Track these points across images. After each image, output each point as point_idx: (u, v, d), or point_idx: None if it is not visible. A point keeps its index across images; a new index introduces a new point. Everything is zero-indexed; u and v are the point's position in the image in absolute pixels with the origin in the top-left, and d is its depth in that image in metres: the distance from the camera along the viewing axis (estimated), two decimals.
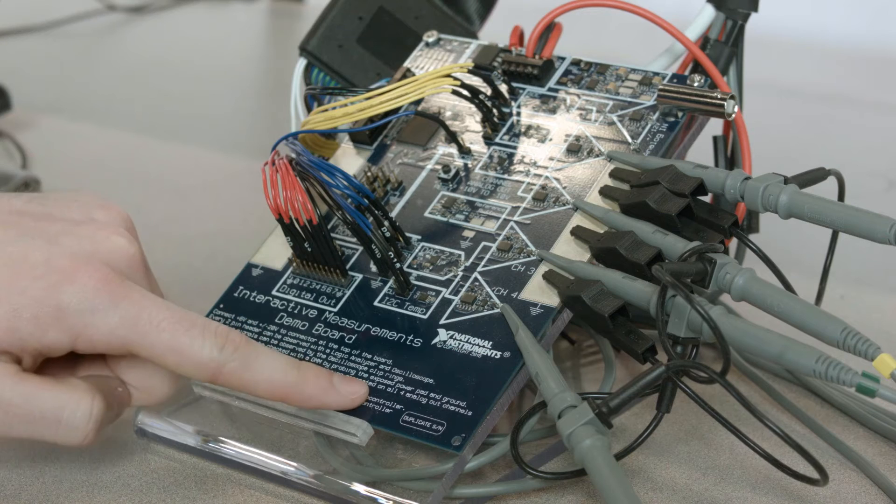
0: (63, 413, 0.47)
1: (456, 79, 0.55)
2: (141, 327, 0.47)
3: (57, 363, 0.49)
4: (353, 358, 0.51)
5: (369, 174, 0.58)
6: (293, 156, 0.53)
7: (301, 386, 0.49)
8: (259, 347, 0.48)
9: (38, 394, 0.47)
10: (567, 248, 0.52)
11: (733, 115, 0.54)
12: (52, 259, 0.47)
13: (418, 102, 0.60)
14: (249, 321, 0.54)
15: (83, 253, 0.48)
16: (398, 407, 0.49)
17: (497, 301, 0.51)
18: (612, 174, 0.54)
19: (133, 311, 0.47)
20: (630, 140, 0.55)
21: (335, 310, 0.54)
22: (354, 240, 0.55)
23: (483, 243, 0.54)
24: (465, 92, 0.56)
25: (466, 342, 0.50)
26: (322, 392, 0.49)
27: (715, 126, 0.59)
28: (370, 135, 0.59)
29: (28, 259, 0.47)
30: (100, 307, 0.46)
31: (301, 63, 0.63)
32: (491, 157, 0.57)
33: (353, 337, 0.52)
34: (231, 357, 0.47)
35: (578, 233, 0.52)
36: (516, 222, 0.54)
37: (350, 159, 0.59)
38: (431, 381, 0.50)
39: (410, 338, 0.51)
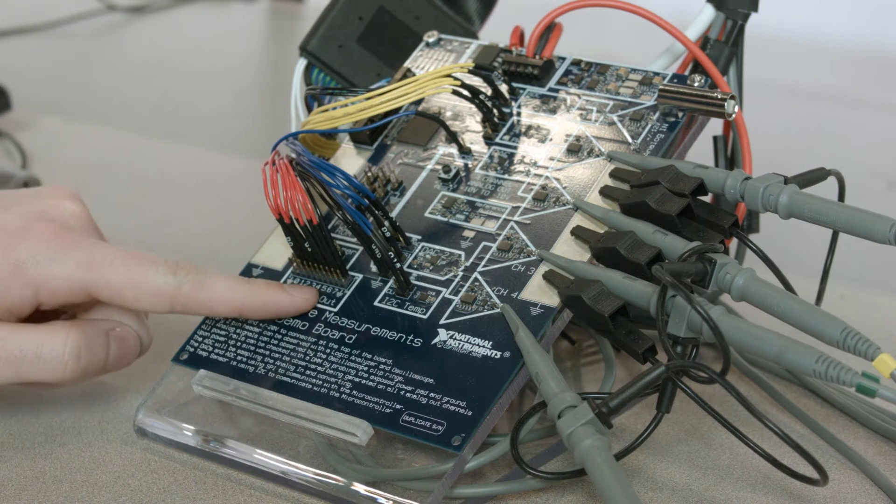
0: (41, 347, 0.49)
1: (456, 79, 0.55)
2: (96, 267, 0.50)
3: None
4: (353, 358, 0.51)
5: (369, 174, 0.58)
6: (293, 156, 0.53)
7: (255, 294, 0.52)
8: (209, 269, 0.52)
9: (16, 333, 0.50)
10: (567, 248, 0.52)
11: (733, 115, 0.54)
12: (4, 223, 0.50)
13: (419, 102, 0.60)
14: (249, 321, 0.54)
15: (33, 214, 0.51)
16: (398, 407, 0.49)
17: (497, 301, 0.51)
18: (613, 174, 0.54)
19: (86, 254, 0.50)
20: (630, 140, 0.55)
21: (335, 310, 0.54)
22: (354, 240, 0.55)
23: (483, 243, 0.54)
24: (465, 92, 0.56)
25: (466, 342, 0.50)
26: (274, 296, 0.52)
27: (715, 126, 0.59)
28: (370, 135, 0.59)
29: None
30: (55, 257, 0.50)
31: (301, 63, 0.63)
32: (491, 157, 0.57)
33: (354, 337, 0.52)
34: (185, 279, 0.51)
35: (578, 233, 0.52)
36: (516, 222, 0.54)
37: (350, 159, 0.59)
38: (431, 381, 0.50)
39: (410, 338, 0.51)
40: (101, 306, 0.52)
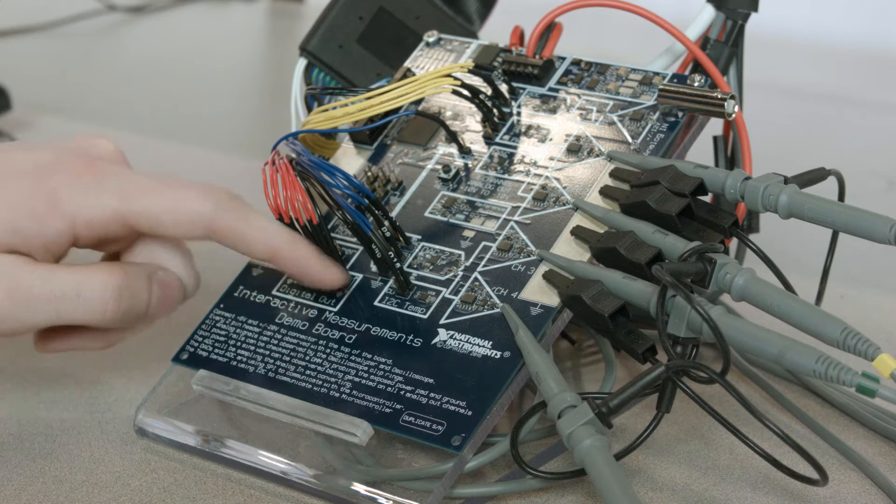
0: (82, 287, 0.48)
1: (456, 79, 0.55)
2: (132, 195, 0.49)
3: None
4: (353, 358, 0.51)
5: (369, 174, 0.58)
6: (293, 156, 0.53)
7: (293, 244, 0.51)
8: (250, 206, 0.50)
9: (56, 273, 0.48)
10: (567, 248, 0.52)
11: (733, 115, 0.54)
12: (37, 159, 0.49)
13: (419, 102, 0.60)
14: (250, 321, 0.54)
15: (66, 149, 0.50)
16: (398, 407, 0.49)
17: (497, 301, 0.51)
18: (613, 174, 0.54)
19: (120, 182, 0.49)
20: (630, 140, 0.55)
21: (335, 310, 0.54)
22: (354, 240, 0.55)
23: (483, 243, 0.54)
24: (465, 92, 0.56)
25: (466, 342, 0.50)
26: (310, 256, 0.51)
27: (715, 126, 0.59)
28: (370, 135, 0.59)
29: (14, 162, 0.49)
30: (90, 185, 0.48)
31: (301, 63, 0.63)
32: (491, 156, 0.57)
33: (354, 337, 0.52)
34: (227, 206, 0.49)
35: (578, 233, 0.52)
36: (516, 222, 0.54)
37: (350, 159, 0.59)
38: (431, 381, 0.50)
39: (410, 338, 0.51)
40: (144, 249, 0.51)
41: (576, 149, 0.56)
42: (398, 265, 0.53)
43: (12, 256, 0.48)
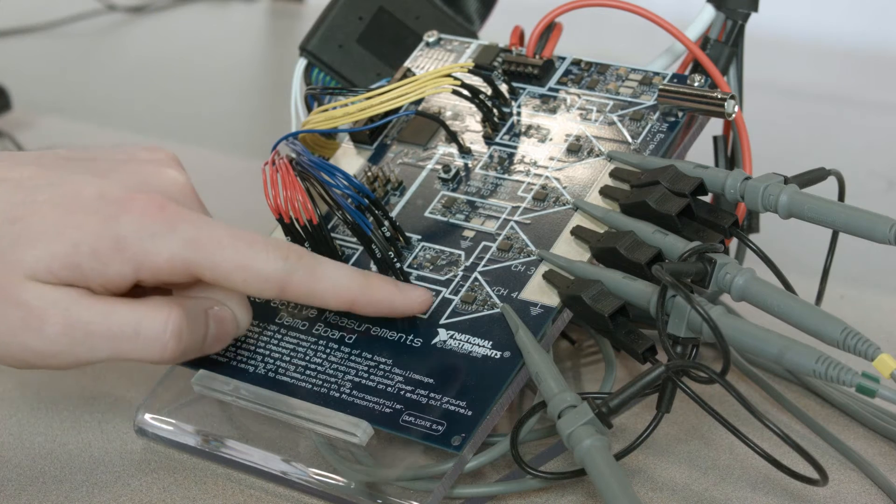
0: (141, 325, 0.46)
1: (456, 79, 0.55)
2: (203, 247, 0.46)
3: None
4: (353, 358, 0.51)
5: (369, 174, 0.58)
6: (293, 156, 0.53)
7: (368, 289, 0.49)
8: (320, 257, 0.49)
9: (115, 309, 0.46)
10: (567, 248, 0.52)
11: (733, 115, 0.54)
12: (104, 192, 0.46)
13: (419, 102, 0.60)
14: (253, 322, 0.54)
15: (134, 184, 0.47)
16: (398, 407, 0.49)
17: (497, 301, 0.51)
18: (613, 174, 0.54)
19: (193, 232, 0.46)
20: (630, 140, 0.55)
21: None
22: (354, 240, 0.55)
23: (483, 243, 0.54)
24: (465, 92, 0.56)
25: (466, 342, 0.50)
26: (390, 294, 0.49)
27: (715, 126, 0.59)
28: (370, 135, 0.59)
29: (80, 195, 0.46)
30: (159, 232, 0.46)
31: (301, 63, 0.63)
32: (491, 156, 0.57)
33: (353, 337, 0.52)
34: (297, 266, 0.47)
35: (578, 233, 0.52)
36: (516, 222, 0.54)
37: (350, 159, 0.59)
38: (431, 381, 0.50)
39: (410, 338, 0.51)
40: (204, 284, 0.48)
41: (576, 149, 0.56)
42: (398, 265, 0.53)
43: (70, 290, 0.46)
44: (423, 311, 0.51)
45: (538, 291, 0.51)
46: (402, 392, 0.50)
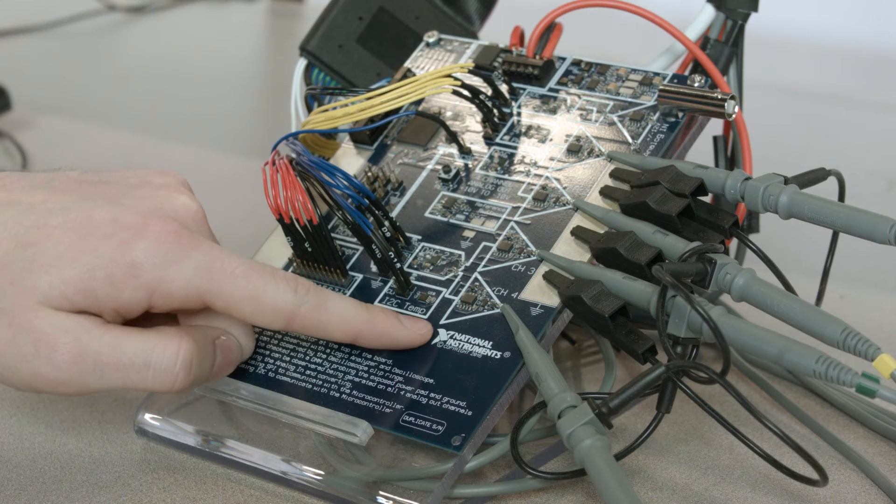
0: (151, 357, 0.46)
1: (456, 79, 0.55)
2: (216, 276, 0.47)
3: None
4: (353, 358, 0.51)
5: (370, 174, 0.58)
6: (293, 156, 0.53)
7: (372, 322, 0.50)
8: (328, 290, 0.49)
9: (125, 340, 0.46)
10: (567, 249, 0.52)
11: (733, 115, 0.54)
12: (118, 218, 0.46)
13: (419, 102, 0.60)
14: None
15: (148, 209, 0.47)
16: (398, 407, 0.49)
17: (497, 301, 0.51)
18: (613, 174, 0.54)
19: (206, 260, 0.47)
20: (630, 140, 0.55)
21: None
22: (355, 240, 0.55)
23: (483, 243, 0.54)
24: (465, 92, 0.56)
25: (466, 342, 0.50)
26: (392, 328, 0.50)
27: (715, 126, 0.59)
28: (371, 135, 0.59)
29: (94, 220, 0.46)
30: (173, 260, 0.46)
31: (301, 63, 0.63)
32: (491, 157, 0.57)
33: None
34: (305, 299, 0.48)
35: (578, 233, 0.52)
36: (516, 222, 0.54)
37: (350, 159, 0.59)
38: (431, 381, 0.50)
39: None
40: (211, 311, 0.49)
41: (576, 149, 0.56)
42: (398, 265, 0.53)
43: (81, 318, 0.46)
44: (424, 342, 0.51)
45: (538, 292, 0.51)
46: (402, 392, 0.50)
